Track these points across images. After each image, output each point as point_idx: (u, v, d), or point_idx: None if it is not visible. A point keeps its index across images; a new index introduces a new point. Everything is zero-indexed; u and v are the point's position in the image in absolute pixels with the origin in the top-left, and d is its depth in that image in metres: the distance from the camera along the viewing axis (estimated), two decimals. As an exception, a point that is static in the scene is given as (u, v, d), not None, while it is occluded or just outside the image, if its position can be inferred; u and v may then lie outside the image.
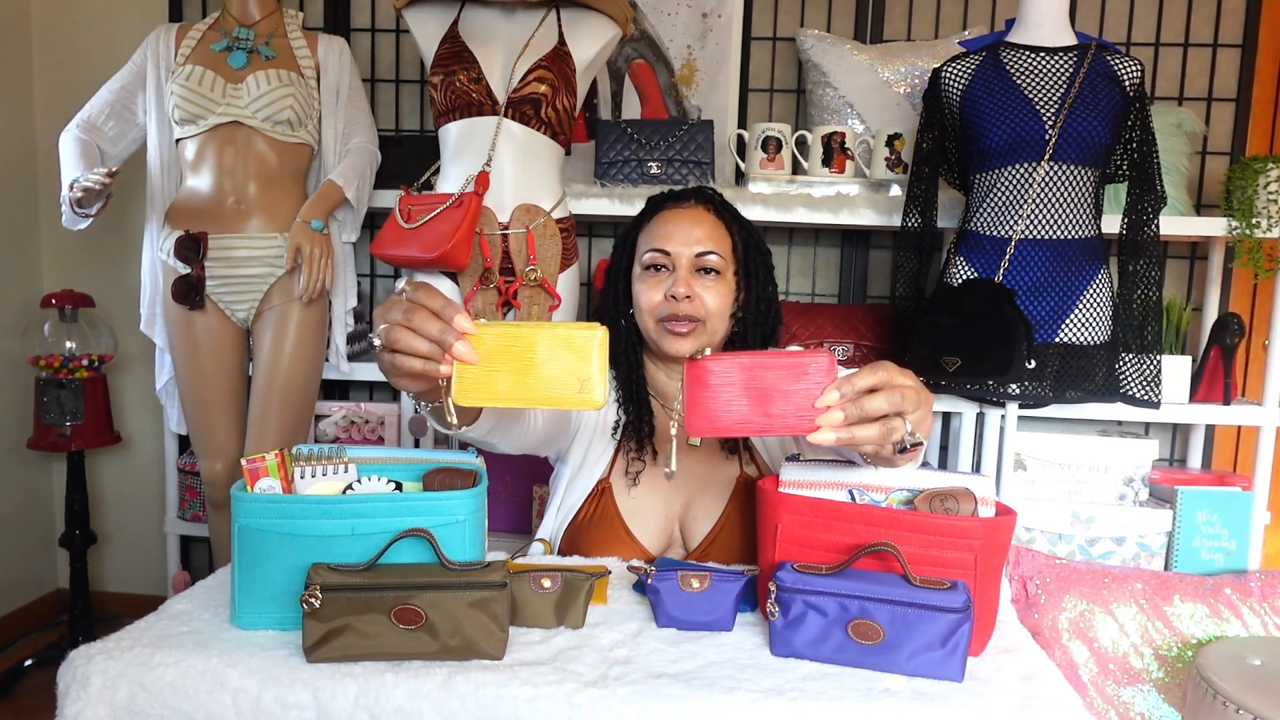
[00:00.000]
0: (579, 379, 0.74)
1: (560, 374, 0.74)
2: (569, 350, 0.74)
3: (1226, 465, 2.40)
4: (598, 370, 0.75)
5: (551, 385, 0.74)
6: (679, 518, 1.26)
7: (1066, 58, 1.80)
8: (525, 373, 0.75)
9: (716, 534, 1.22)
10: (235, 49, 1.91)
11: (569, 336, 0.74)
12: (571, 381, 0.74)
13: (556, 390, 0.74)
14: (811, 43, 2.27)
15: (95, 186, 1.74)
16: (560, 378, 0.74)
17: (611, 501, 1.24)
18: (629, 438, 1.28)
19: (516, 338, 0.75)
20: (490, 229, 1.81)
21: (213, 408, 1.96)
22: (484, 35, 1.84)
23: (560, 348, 0.74)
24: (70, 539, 2.33)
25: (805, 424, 0.80)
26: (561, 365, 0.74)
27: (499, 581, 0.88)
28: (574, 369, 0.74)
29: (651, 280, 1.25)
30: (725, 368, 0.80)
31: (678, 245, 1.23)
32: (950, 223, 2.00)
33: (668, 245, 1.24)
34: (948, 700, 0.83)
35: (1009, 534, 0.94)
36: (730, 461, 1.28)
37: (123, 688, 0.85)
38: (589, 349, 0.74)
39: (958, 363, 1.76)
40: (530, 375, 0.75)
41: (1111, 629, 1.80)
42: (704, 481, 1.26)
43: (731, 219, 1.30)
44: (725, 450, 1.28)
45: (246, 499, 0.92)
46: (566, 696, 0.82)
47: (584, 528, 1.24)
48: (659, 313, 1.24)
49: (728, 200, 1.35)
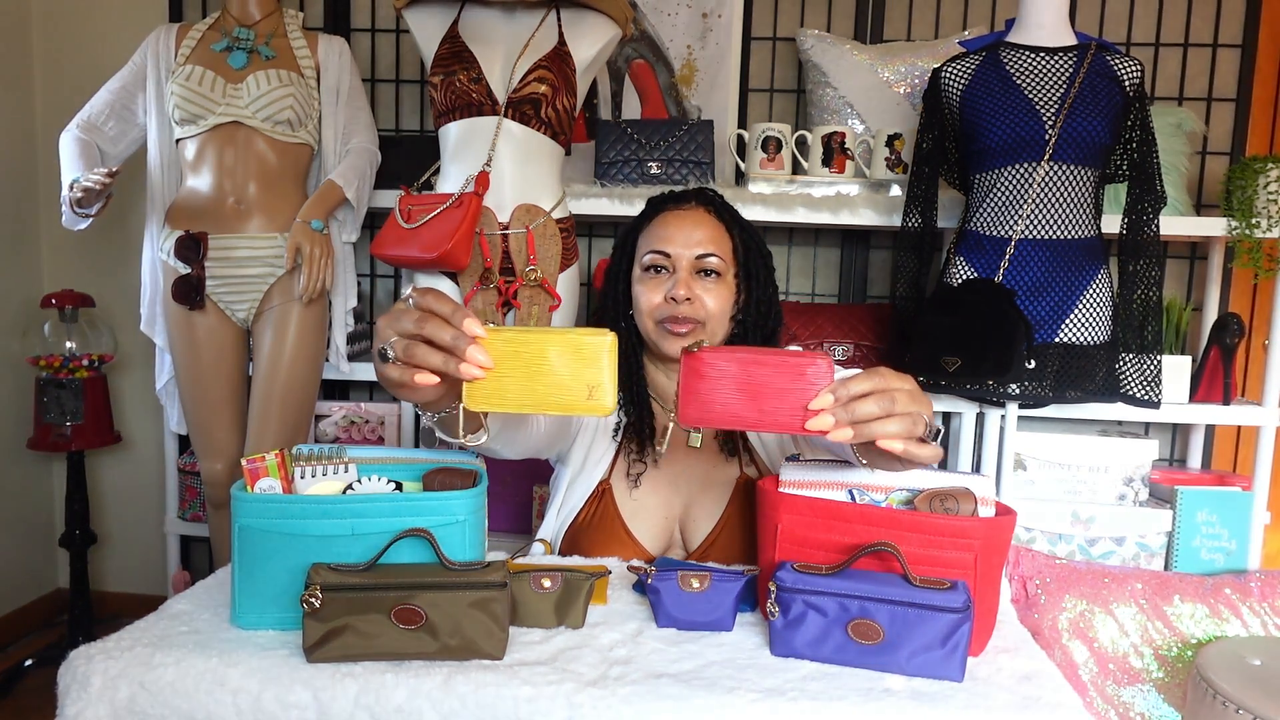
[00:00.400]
0: (589, 385, 0.73)
1: (570, 380, 0.74)
2: (579, 356, 0.73)
3: (1226, 465, 2.40)
4: (608, 376, 0.74)
5: (561, 391, 0.74)
6: (679, 519, 1.26)
7: (1066, 58, 1.80)
8: (535, 379, 0.74)
9: (717, 535, 1.22)
10: (235, 49, 1.91)
11: (579, 342, 0.73)
12: (581, 388, 0.73)
13: (566, 396, 0.74)
14: (811, 43, 2.27)
15: (95, 186, 1.74)
16: (570, 384, 0.74)
17: (612, 502, 1.24)
18: (630, 439, 1.28)
19: (526, 343, 0.74)
20: (490, 229, 1.81)
21: (213, 408, 1.96)
22: (484, 35, 1.84)
23: (570, 354, 0.73)
24: (70, 539, 2.33)
25: (796, 424, 0.80)
26: (571, 371, 0.73)
27: (499, 581, 0.88)
28: (584, 375, 0.74)
29: (651, 282, 1.25)
30: (722, 361, 0.81)
31: (678, 247, 1.23)
32: (950, 223, 2.00)
33: (668, 247, 1.24)
34: (948, 700, 0.83)
35: (1009, 534, 0.94)
36: (730, 463, 1.27)
37: (123, 688, 0.85)
38: (599, 355, 0.73)
39: (958, 363, 1.76)
40: (540, 381, 0.74)
41: (1111, 629, 1.80)
42: (704, 483, 1.26)
43: (732, 220, 1.30)
44: (725, 452, 1.28)
45: (246, 499, 0.92)
46: (566, 696, 0.82)
47: (584, 529, 1.24)
48: (659, 314, 1.24)
49: (728, 201, 1.35)
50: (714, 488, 1.25)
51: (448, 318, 0.76)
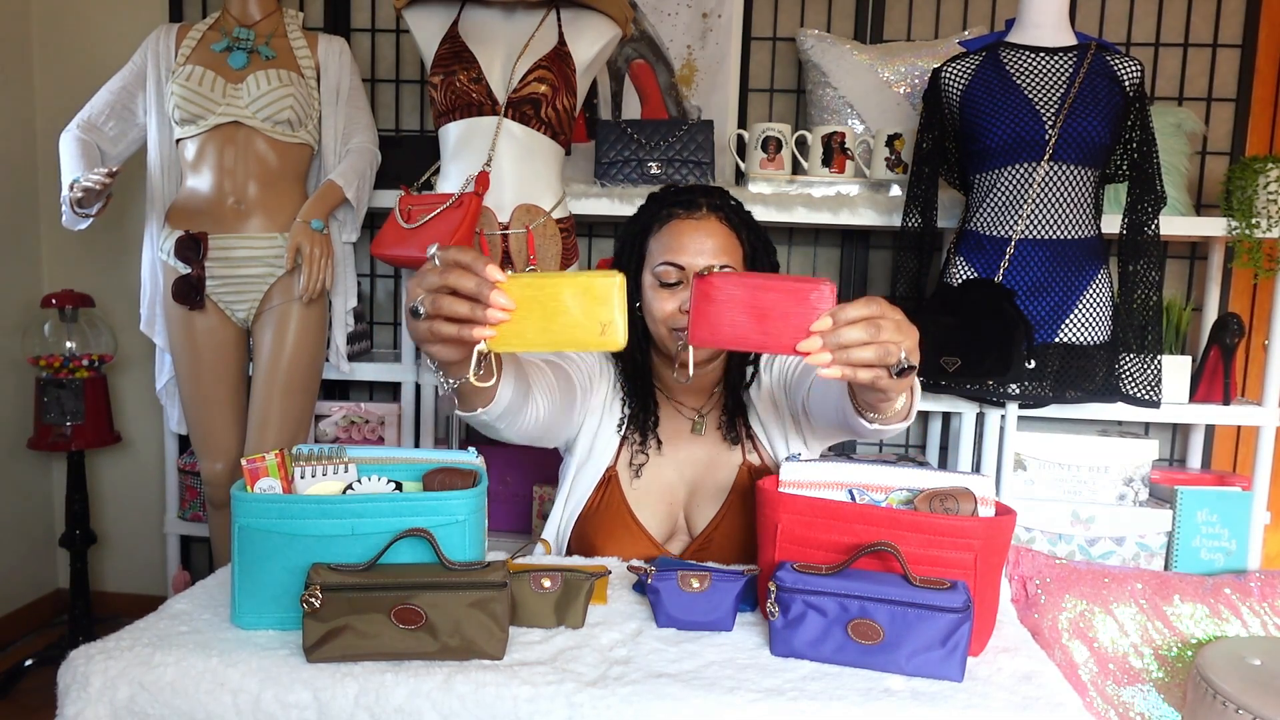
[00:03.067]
0: (601, 323, 0.79)
1: (584, 319, 0.79)
2: (591, 296, 0.79)
3: (1226, 465, 2.40)
4: (619, 314, 0.80)
5: (576, 330, 0.80)
6: (684, 505, 1.30)
7: (1066, 58, 1.80)
8: (552, 319, 0.80)
9: (719, 521, 1.25)
10: (235, 49, 1.91)
11: (590, 284, 0.79)
12: (594, 325, 0.79)
13: (580, 334, 0.80)
14: (811, 43, 2.27)
15: (95, 187, 1.74)
16: (584, 322, 0.80)
17: (618, 489, 1.28)
18: (634, 430, 1.32)
19: (542, 287, 0.80)
20: (490, 229, 1.81)
21: (213, 408, 1.96)
22: (484, 35, 1.84)
23: (583, 294, 0.79)
24: (70, 539, 2.33)
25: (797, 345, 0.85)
26: (585, 311, 0.79)
27: (499, 581, 0.88)
28: (596, 314, 0.79)
29: (665, 293, 1.27)
30: (731, 286, 0.85)
31: (690, 257, 1.25)
32: (950, 223, 2.00)
33: (680, 259, 1.25)
34: (948, 700, 0.83)
35: (1009, 534, 0.94)
36: (733, 450, 1.31)
37: (123, 688, 0.85)
38: (610, 294, 0.79)
39: (958, 363, 1.76)
40: (556, 321, 0.80)
41: (1111, 629, 1.80)
42: (707, 469, 1.30)
43: (741, 224, 1.31)
44: (728, 440, 1.32)
45: (246, 499, 0.92)
46: (566, 696, 0.82)
47: (592, 515, 1.28)
48: (672, 323, 1.26)
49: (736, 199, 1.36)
50: (717, 474, 1.29)
51: (469, 265, 0.81)
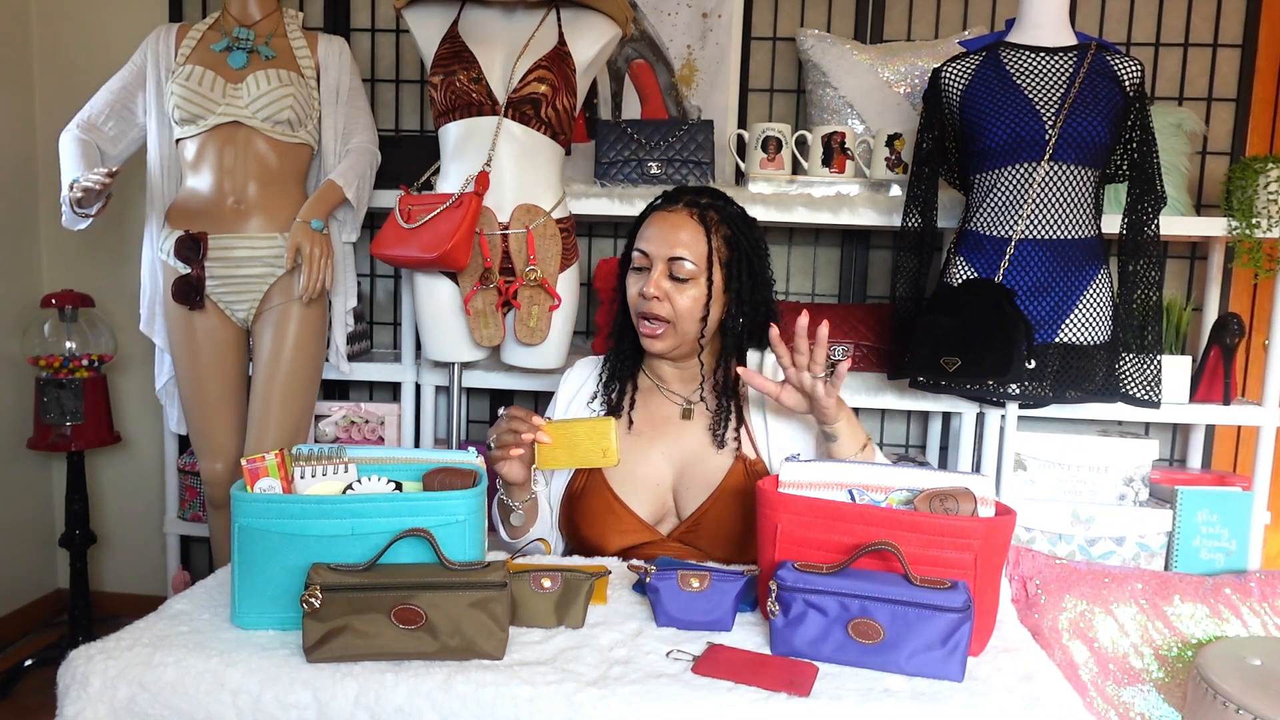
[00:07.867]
0: (602, 449, 1.23)
1: (592, 448, 1.23)
2: (596, 433, 1.23)
3: (1226, 465, 2.40)
4: (614, 442, 1.22)
5: (587, 454, 1.24)
6: (671, 488, 1.33)
7: (1066, 58, 1.80)
8: (573, 448, 1.24)
9: (710, 505, 1.28)
10: (235, 49, 1.91)
11: (594, 426, 1.23)
12: (598, 451, 1.23)
13: (591, 457, 1.23)
14: (811, 43, 2.27)
15: (95, 187, 1.74)
16: (592, 450, 1.23)
17: (599, 471, 1.33)
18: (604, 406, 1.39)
19: (566, 428, 1.24)
20: (490, 229, 1.81)
21: (213, 408, 1.96)
22: (484, 35, 1.84)
23: (590, 432, 1.23)
24: (70, 539, 2.33)
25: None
26: (592, 442, 1.23)
27: (499, 581, 0.88)
28: (600, 444, 1.23)
29: (634, 277, 1.35)
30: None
31: (655, 247, 1.31)
32: (950, 223, 2.00)
33: (647, 246, 1.32)
34: (948, 700, 0.83)
35: (1009, 534, 0.94)
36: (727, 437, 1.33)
37: (123, 688, 0.85)
38: (607, 431, 1.23)
39: (958, 363, 1.76)
40: (576, 449, 1.24)
41: (1111, 629, 1.80)
42: (697, 455, 1.33)
43: (717, 223, 1.33)
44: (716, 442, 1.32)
45: (246, 499, 0.92)
46: (566, 696, 0.82)
47: (577, 499, 1.32)
48: (636, 307, 1.34)
49: (730, 199, 1.36)
50: (708, 459, 1.32)
51: (524, 419, 1.23)
